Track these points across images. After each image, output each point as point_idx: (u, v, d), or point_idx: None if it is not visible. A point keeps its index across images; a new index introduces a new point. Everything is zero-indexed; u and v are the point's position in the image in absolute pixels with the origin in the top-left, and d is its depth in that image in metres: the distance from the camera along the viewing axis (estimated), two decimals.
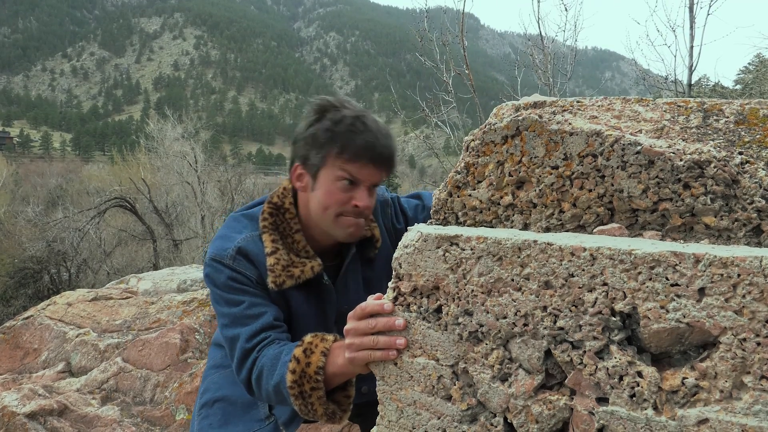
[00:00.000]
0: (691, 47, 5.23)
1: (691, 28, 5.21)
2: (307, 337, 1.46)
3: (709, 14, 5.11)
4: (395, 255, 1.14)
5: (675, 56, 5.43)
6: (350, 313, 1.25)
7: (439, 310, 1.10)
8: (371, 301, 1.20)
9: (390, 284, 1.17)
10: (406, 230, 1.85)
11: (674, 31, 5.43)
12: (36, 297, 14.71)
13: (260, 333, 1.53)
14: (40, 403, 3.10)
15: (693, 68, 5.27)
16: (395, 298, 1.16)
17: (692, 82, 5.46)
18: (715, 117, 1.05)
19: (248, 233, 1.64)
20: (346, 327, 1.25)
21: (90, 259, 18.58)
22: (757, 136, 1.00)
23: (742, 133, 1.01)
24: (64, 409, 3.13)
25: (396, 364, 1.16)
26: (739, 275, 0.81)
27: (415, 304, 1.13)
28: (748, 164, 0.96)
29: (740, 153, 0.97)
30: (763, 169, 0.95)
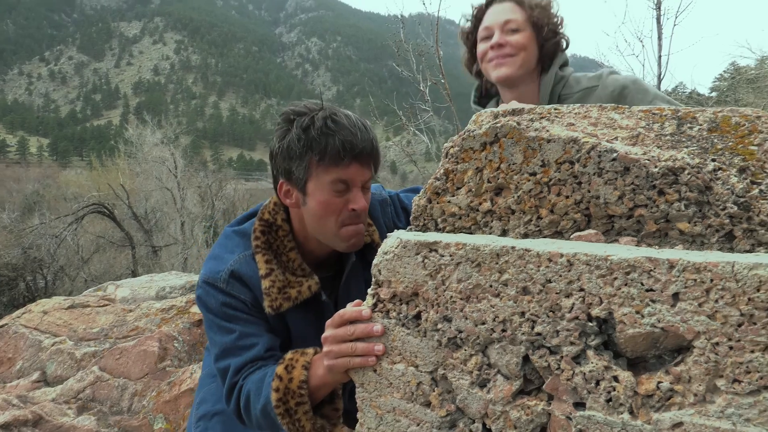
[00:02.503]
0: (660, 57, 5.36)
1: (659, 38, 5.35)
2: (288, 354, 1.44)
3: (675, 25, 5.24)
4: (374, 261, 1.14)
5: (643, 65, 5.59)
6: (328, 321, 1.24)
7: (418, 316, 1.10)
8: (349, 308, 1.20)
9: (369, 291, 1.17)
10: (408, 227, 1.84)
11: (642, 41, 5.58)
12: (11, 305, 14.45)
13: (248, 364, 1.50)
14: (14, 414, 3.03)
15: (662, 77, 5.40)
16: (375, 305, 1.16)
17: (661, 90, 5.58)
18: (688, 124, 1.07)
19: (241, 253, 1.59)
20: (324, 335, 1.25)
21: (67, 266, 18.30)
22: (730, 144, 1.01)
23: (715, 140, 1.03)
24: (39, 419, 3.07)
25: (375, 370, 1.16)
26: (711, 280, 0.82)
27: (395, 310, 1.13)
28: (720, 171, 0.97)
29: (713, 160, 0.99)
30: (735, 176, 0.96)
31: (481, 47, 2.01)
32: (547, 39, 1.97)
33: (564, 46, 2.03)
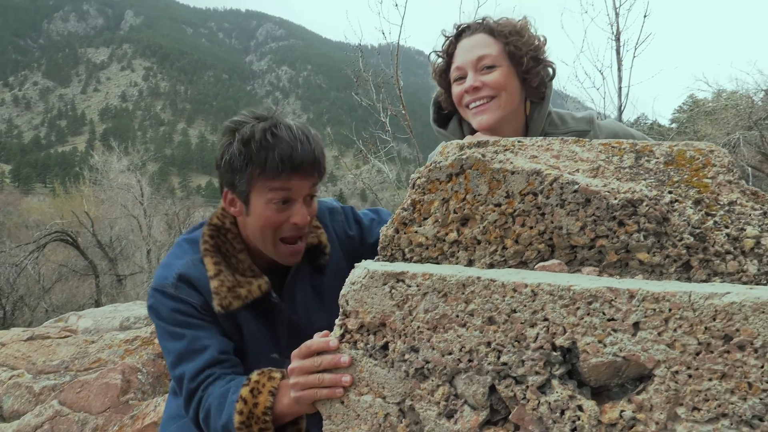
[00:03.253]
0: (620, 88, 5.51)
1: (619, 70, 5.50)
2: (254, 376, 1.43)
3: (635, 56, 5.40)
4: (342, 292, 1.14)
5: (604, 97, 5.72)
6: (294, 352, 1.23)
7: (385, 346, 1.10)
8: (317, 339, 1.19)
9: (337, 321, 1.16)
10: (360, 239, 1.85)
11: (602, 72, 5.70)
12: None
13: (204, 370, 1.49)
14: None
15: (622, 108, 5.55)
16: (342, 335, 1.15)
17: (622, 122, 5.74)
18: (646, 158, 1.11)
19: (189, 258, 1.61)
20: (290, 366, 1.24)
21: (27, 296, 17.75)
22: (685, 176, 1.05)
23: (671, 173, 1.06)
24: None
25: (342, 402, 1.15)
26: (670, 309, 0.84)
27: (362, 341, 1.13)
28: (677, 203, 1.01)
29: (670, 192, 1.03)
30: (690, 208, 1.00)
31: (456, 90, 1.82)
32: (528, 70, 1.77)
33: (550, 74, 1.84)
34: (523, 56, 1.75)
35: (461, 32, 1.84)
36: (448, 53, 1.86)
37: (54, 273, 20.05)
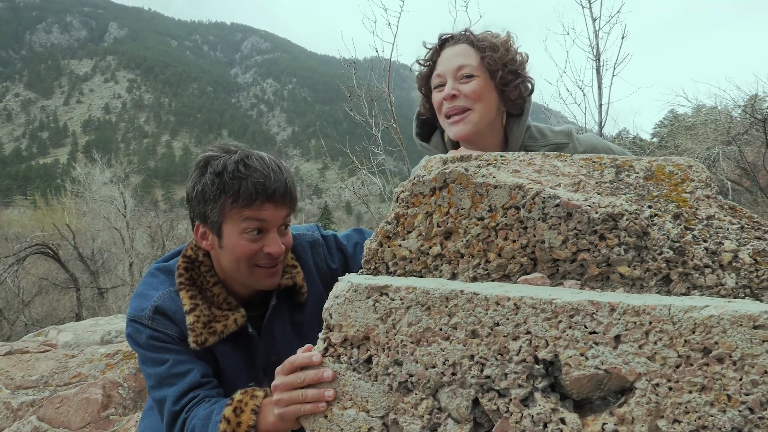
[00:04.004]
0: (600, 105, 5.65)
1: (599, 88, 5.63)
2: (237, 395, 1.42)
3: (614, 75, 5.55)
4: (326, 305, 1.14)
5: (585, 114, 5.85)
6: (278, 368, 1.23)
7: (369, 360, 1.10)
8: (300, 354, 1.18)
9: (320, 335, 1.16)
10: (344, 268, 1.84)
11: (583, 90, 5.84)
12: None
13: (188, 393, 1.48)
14: None
15: (602, 124, 5.67)
16: (326, 349, 1.15)
17: (604, 137, 5.85)
18: (626, 173, 1.12)
19: (165, 290, 1.59)
20: (274, 383, 1.23)
21: (6, 310, 17.47)
22: (664, 191, 1.07)
23: (651, 187, 1.08)
24: None
25: (326, 416, 1.14)
26: (650, 323, 0.85)
27: (346, 354, 1.12)
28: (656, 217, 1.02)
29: (650, 206, 1.04)
30: (670, 222, 1.01)
31: (436, 97, 1.87)
32: (506, 83, 1.81)
33: (529, 89, 1.88)
34: (499, 70, 1.79)
35: (444, 42, 1.89)
36: (432, 60, 1.90)
37: (34, 286, 19.76)
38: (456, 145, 1.92)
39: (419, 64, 1.96)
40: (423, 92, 1.98)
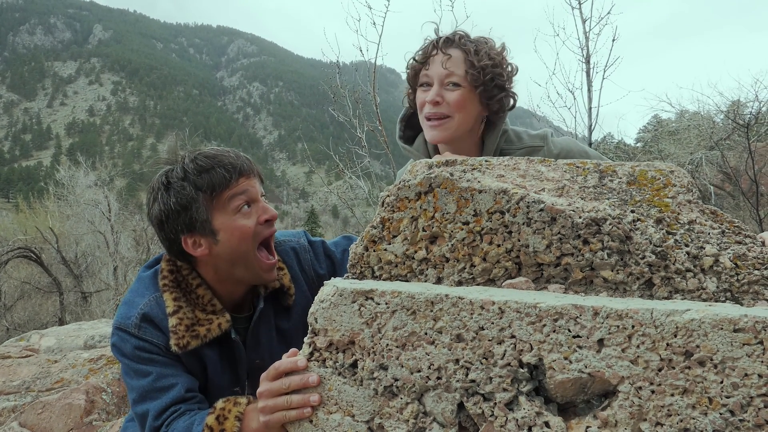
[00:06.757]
0: (590, 108, 5.66)
1: (589, 91, 5.65)
2: (219, 403, 1.41)
3: (604, 78, 5.56)
4: (311, 310, 1.14)
5: (575, 117, 5.85)
6: (263, 375, 1.22)
7: (354, 364, 1.10)
8: (285, 360, 1.18)
9: (306, 339, 1.16)
10: (332, 274, 1.84)
11: (573, 93, 5.84)
12: None
13: (170, 407, 1.46)
14: None
15: (592, 128, 5.69)
16: (311, 354, 1.15)
17: (592, 141, 5.87)
18: (609, 178, 1.14)
19: (151, 295, 1.58)
20: (259, 389, 1.22)
21: None
22: (647, 196, 1.08)
23: (634, 192, 1.09)
24: None
25: (311, 421, 1.14)
26: (633, 326, 0.86)
27: (331, 359, 1.12)
28: (639, 222, 1.03)
29: (632, 211, 1.05)
30: (652, 227, 1.02)
31: (419, 96, 1.89)
32: (491, 97, 1.84)
33: (511, 103, 1.91)
34: (485, 84, 1.81)
35: (441, 42, 1.89)
36: (426, 55, 1.91)
37: (16, 290, 19.48)
38: (436, 147, 1.94)
39: (414, 59, 1.96)
40: (410, 84, 2.00)
